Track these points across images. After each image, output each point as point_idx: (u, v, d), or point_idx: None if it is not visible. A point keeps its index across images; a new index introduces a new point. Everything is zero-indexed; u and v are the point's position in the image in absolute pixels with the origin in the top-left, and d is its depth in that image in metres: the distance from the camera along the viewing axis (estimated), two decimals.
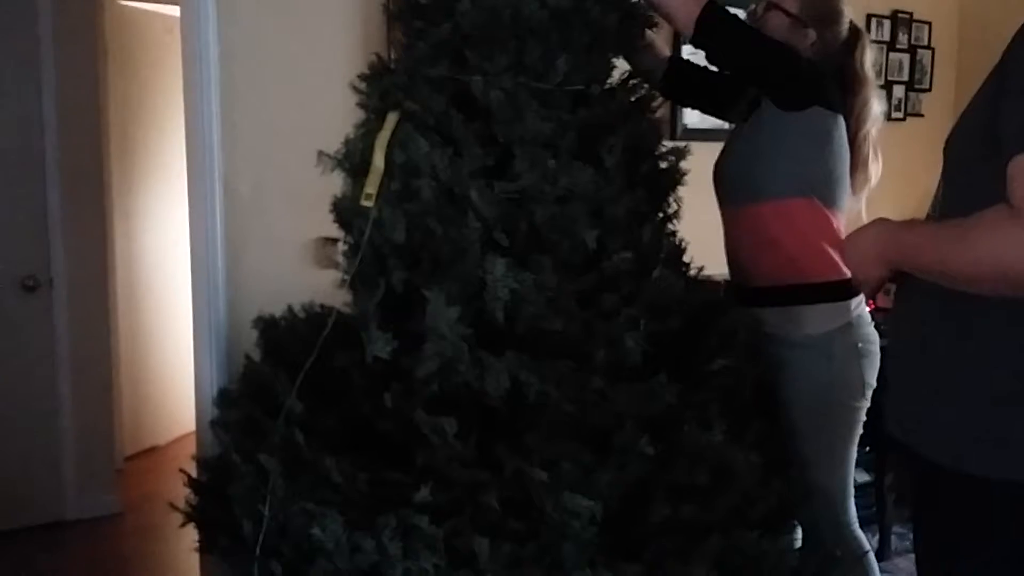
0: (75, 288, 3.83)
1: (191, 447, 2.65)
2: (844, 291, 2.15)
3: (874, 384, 2.17)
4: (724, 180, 2.27)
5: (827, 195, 2.15)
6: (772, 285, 2.19)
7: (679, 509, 1.72)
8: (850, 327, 2.14)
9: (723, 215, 2.29)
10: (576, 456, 1.70)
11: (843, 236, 2.15)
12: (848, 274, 2.14)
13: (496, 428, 1.79)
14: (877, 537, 3.48)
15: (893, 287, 1.61)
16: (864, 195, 2.25)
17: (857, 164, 2.20)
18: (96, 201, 3.93)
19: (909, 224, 1.52)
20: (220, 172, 2.55)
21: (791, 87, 2.10)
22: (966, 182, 1.45)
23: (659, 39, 2.39)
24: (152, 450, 4.77)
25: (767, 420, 2.03)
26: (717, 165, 2.31)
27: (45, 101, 3.70)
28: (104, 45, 4.23)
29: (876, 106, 2.21)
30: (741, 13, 2.20)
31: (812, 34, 2.17)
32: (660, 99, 2.23)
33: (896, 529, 3.49)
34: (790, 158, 2.11)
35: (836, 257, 2.14)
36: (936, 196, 1.58)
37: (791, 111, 2.09)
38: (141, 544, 3.70)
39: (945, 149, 1.53)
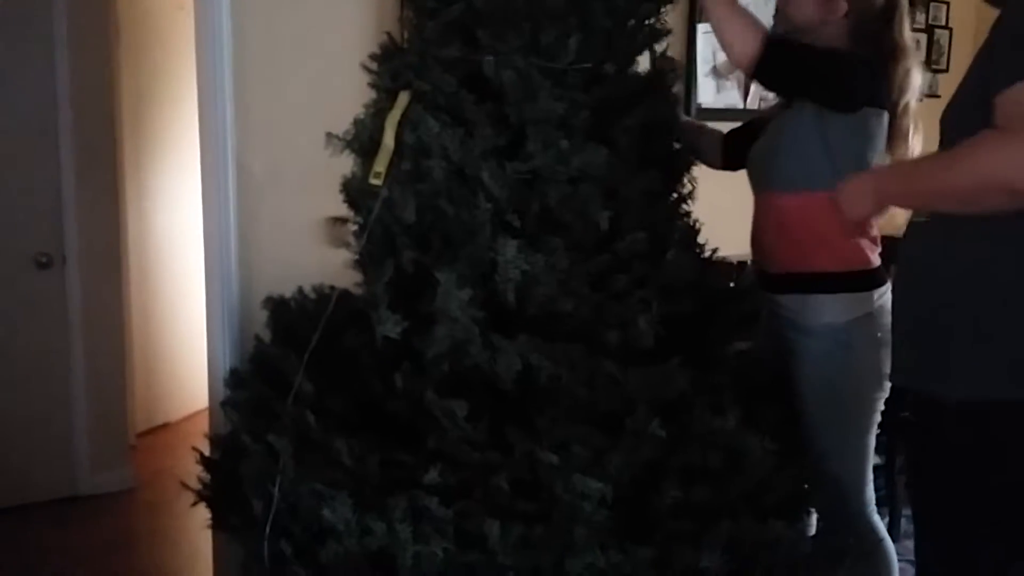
0: (88, 266, 3.84)
1: (203, 424, 2.66)
2: (867, 281, 2.11)
3: None
4: (755, 165, 2.24)
5: None
6: (793, 272, 2.16)
7: (690, 493, 1.71)
8: (871, 317, 2.09)
9: (755, 199, 2.27)
10: (587, 439, 1.69)
11: (872, 228, 2.13)
12: (874, 264, 2.11)
13: (507, 410, 1.78)
14: (887, 519, 3.47)
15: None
16: None
17: (898, 137, 2.12)
18: (109, 179, 3.93)
19: (899, 163, 1.69)
20: (232, 151, 2.54)
21: (846, 95, 2.04)
22: None
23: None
24: (164, 426, 4.79)
25: (783, 406, 2.02)
26: (752, 149, 2.28)
27: (58, 79, 3.69)
28: (116, 22, 4.22)
29: (917, 76, 2.13)
30: None
31: (843, 5, 2.10)
32: (676, 78, 2.21)
33: (907, 511, 3.48)
34: (829, 154, 2.06)
35: (862, 247, 2.11)
36: None
37: (843, 113, 2.04)
38: (153, 519, 3.72)
39: (942, 121, 1.62)
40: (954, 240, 1.55)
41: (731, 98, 3.60)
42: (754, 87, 3.57)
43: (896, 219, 1.90)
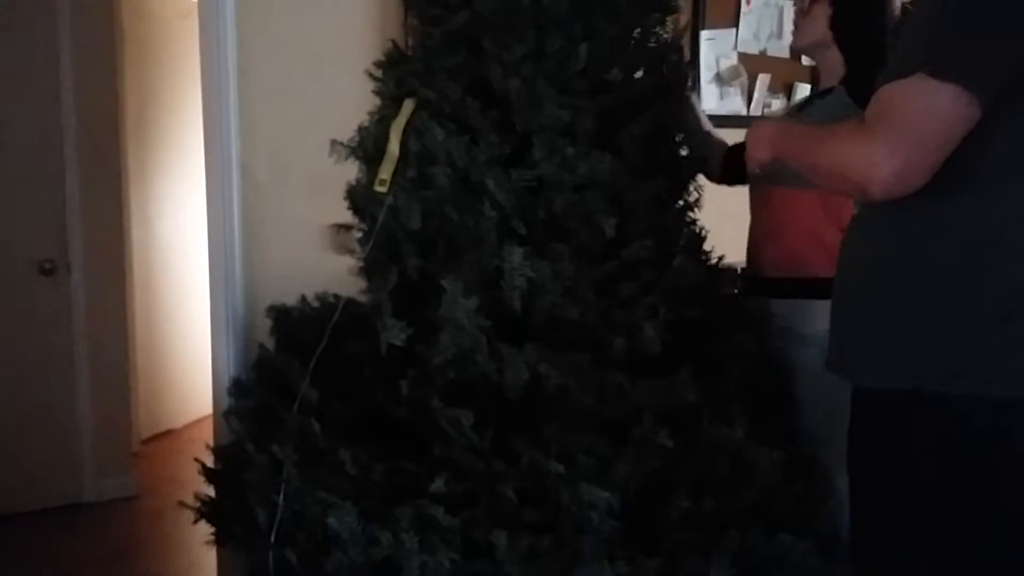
0: (92, 272, 3.84)
1: (207, 430, 2.65)
2: None
3: None
4: None
5: None
6: (787, 276, 2.15)
7: (698, 503, 1.70)
8: None
9: (752, 200, 2.25)
10: (593, 448, 1.68)
11: None
12: None
13: (513, 419, 1.77)
14: None
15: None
16: None
17: None
18: (113, 186, 3.94)
19: (800, 125, 1.75)
20: (237, 158, 2.53)
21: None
22: None
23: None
24: (168, 433, 4.78)
25: (788, 417, 2.00)
26: None
27: (63, 86, 3.70)
28: (121, 30, 4.22)
29: None
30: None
31: None
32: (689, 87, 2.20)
33: None
34: None
35: None
36: None
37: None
38: (156, 527, 3.71)
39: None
40: (864, 233, 1.57)
41: (734, 105, 3.58)
42: (757, 94, 3.56)
43: None
